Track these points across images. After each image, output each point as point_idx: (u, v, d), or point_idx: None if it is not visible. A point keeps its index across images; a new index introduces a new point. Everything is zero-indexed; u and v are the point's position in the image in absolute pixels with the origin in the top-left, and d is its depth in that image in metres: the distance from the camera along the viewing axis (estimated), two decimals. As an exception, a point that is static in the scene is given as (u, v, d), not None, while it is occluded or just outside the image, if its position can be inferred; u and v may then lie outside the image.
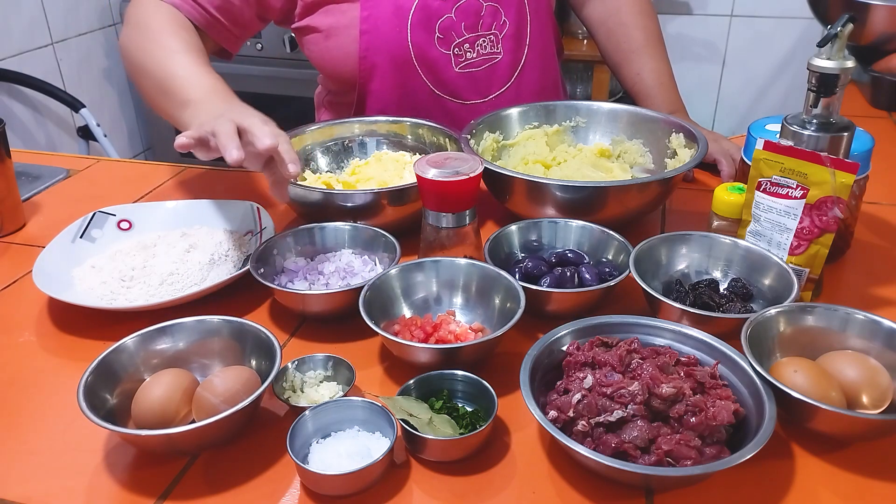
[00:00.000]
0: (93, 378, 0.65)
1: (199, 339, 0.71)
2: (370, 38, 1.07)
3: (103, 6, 2.51)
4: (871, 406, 0.62)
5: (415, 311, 0.77)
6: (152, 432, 0.61)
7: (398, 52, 1.08)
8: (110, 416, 0.63)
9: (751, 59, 2.47)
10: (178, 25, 1.00)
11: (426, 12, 1.07)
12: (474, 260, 0.78)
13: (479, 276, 0.77)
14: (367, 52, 1.08)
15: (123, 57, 1.03)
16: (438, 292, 0.79)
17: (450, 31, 1.09)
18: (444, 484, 0.60)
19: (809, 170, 0.72)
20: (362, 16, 1.06)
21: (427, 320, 0.73)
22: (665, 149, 1.03)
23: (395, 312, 0.76)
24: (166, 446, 0.63)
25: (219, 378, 0.65)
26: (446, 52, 1.10)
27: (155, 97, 0.96)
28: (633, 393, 0.60)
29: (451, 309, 0.78)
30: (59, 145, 2.39)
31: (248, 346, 0.70)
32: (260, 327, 0.70)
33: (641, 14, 1.22)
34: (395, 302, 0.77)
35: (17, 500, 0.60)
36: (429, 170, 0.76)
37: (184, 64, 0.94)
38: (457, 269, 0.78)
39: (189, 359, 0.71)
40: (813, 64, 0.73)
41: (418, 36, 1.08)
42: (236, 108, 0.83)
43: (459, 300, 0.79)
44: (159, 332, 0.70)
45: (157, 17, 1.00)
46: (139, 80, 1.00)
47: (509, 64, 1.15)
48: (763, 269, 0.78)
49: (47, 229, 1.00)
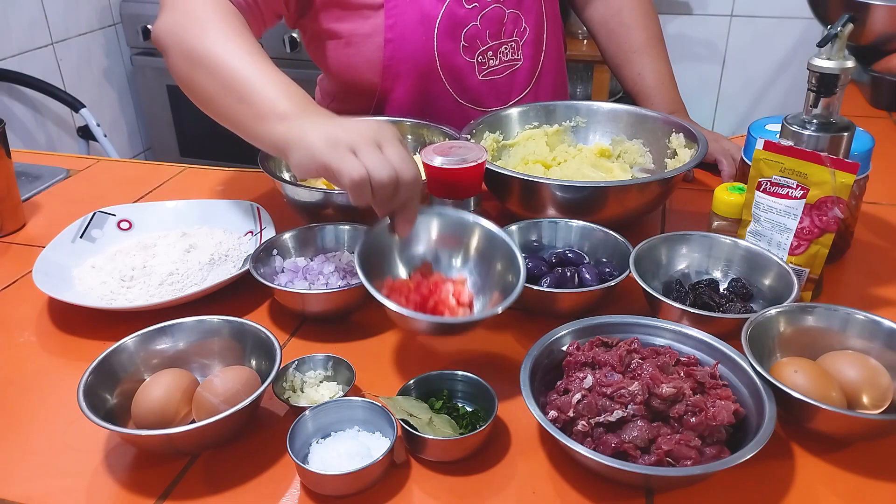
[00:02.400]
0: (93, 378, 0.65)
1: (199, 339, 0.71)
2: (395, 46, 1.06)
3: (103, 6, 2.51)
4: (871, 406, 0.62)
5: (409, 266, 0.75)
6: (152, 432, 0.61)
7: (424, 60, 1.07)
8: (110, 416, 0.63)
9: (751, 59, 2.47)
10: (227, 11, 0.88)
11: (452, 20, 1.06)
12: (479, 219, 0.76)
13: (483, 238, 0.75)
14: (392, 61, 1.07)
15: (165, 45, 0.86)
16: (437, 251, 0.76)
17: (475, 40, 1.08)
18: (444, 484, 0.60)
19: (809, 170, 0.72)
20: (387, 23, 1.05)
21: (420, 283, 0.71)
22: (665, 149, 1.03)
23: (388, 268, 0.74)
24: (166, 446, 0.63)
25: (219, 378, 0.65)
26: (471, 60, 1.09)
27: (218, 98, 0.81)
28: (633, 393, 0.60)
29: (438, 271, 0.75)
30: (59, 145, 2.39)
31: (248, 346, 0.70)
32: (260, 327, 0.70)
33: (643, 15, 1.22)
34: (388, 257, 0.74)
35: (17, 500, 0.60)
36: (435, 158, 0.77)
37: (255, 64, 0.80)
38: (461, 226, 0.76)
39: (189, 359, 0.71)
40: (813, 64, 0.73)
41: (444, 44, 1.07)
42: (353, 128, 0.71)
43: (458, 262, 0.76)
44: (159, 332, 0.70)
45: (201, 1, 0.87)
46: (192, 74, 0.83)
47: (529, 70, 1.16)
48: (763, 269, 0.78)
49: (47, 229, 1.00)
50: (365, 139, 0.69)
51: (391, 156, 0.69)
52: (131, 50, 2.57)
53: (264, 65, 0.80)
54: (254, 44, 0.84)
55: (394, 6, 1.04)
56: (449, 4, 1.05)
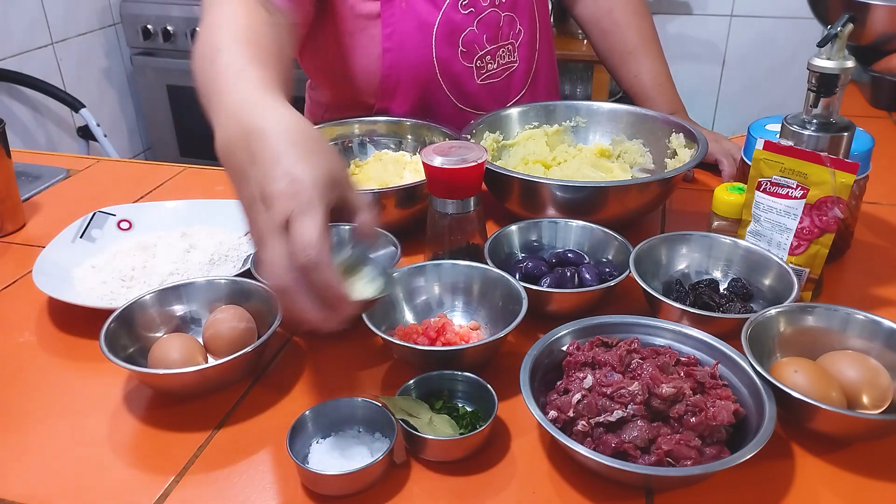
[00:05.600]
0: (114, 325, 0.71)
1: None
2: (394, 55, 1.05)
3: (103, 6, 2.51)
4: (871, 406, 0.62)
5: (416, 315, 0.77)
6: (187, 369, 0.66)
7: (423, 68, 1.07)
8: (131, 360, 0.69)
9: (751, 59, 2.47)
10: (248, 37, 0.75)
11: (450, 27, 1.06)
12: (475, 263, 0.78)
13: (481, 279, 0.77)
14: (391, 70, 1.06)
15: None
16: (440, 295, 0.78)
17: (472, 45, 1.08)
18: (444, 484, 0.60)
19: (809, 170, 0.72)
20: (384, 33, 1.04)
21: (429, 326, 0.73)
22: (665, 149, 1.03)
23: (397, 317, 0.76)
24: (199, 384, 0.68)
25: (221, 313, 0.71)
26: (469, 65, 1.09)
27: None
28: (633, 393, 0.60)
29: (442, 312, 0.77)
30: (59, 145, 2.39)
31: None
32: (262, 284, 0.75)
33: (635, 14, 1.21)
34: (396, 306, 0.77)
35: (17, 500, 0.60)
36: (435, 157, 0.77)
37: (233, 61, 0.70)
38: (458, 271, 0.78)
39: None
40: (813, 64, 0.73)
41: (443, 51, 1.06)
42: (275, 192, 0.56)
43: (461, 303, 0.78)
44: (173, 291, 0.76)
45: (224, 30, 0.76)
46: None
47: (524, 71, 1.16)
48: (763, 269, 0.78)
49: (47, 229, 1.00)
50: (273, 219, 0.55)
51: (296, 237, 0.54)
52: (131, 50, 2.57)
53: (239, 61, 0.70)
54: (254, 54, 0.72)
55: (390, 15, 1.03)
56: (445, 10, 1.04)
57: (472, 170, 0.77)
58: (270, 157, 0.57)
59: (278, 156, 0.57)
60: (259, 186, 0.56)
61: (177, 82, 2.54)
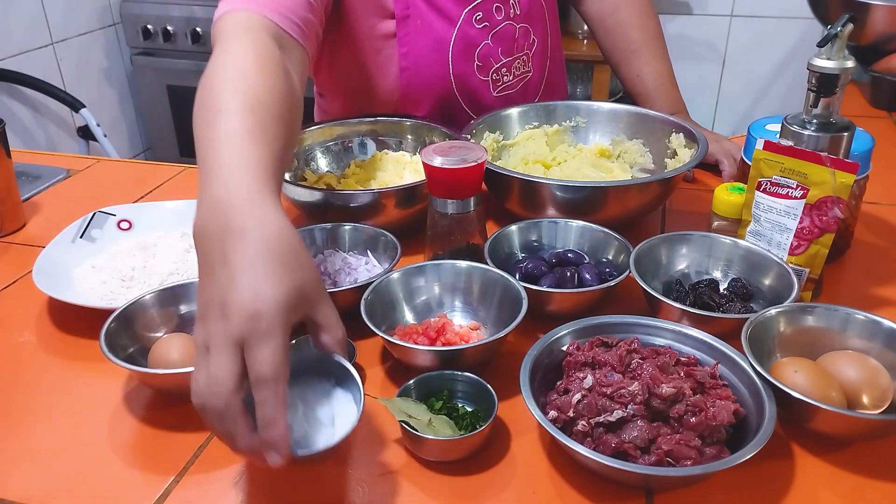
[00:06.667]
0: (114, 325, 0.71)
1: None
2: (411, 74, 1.05)
3: (103, 6, 2.51)
4: (871, 406, 0.62)
5: (416, 315, 0.77)
6: (187, 369, 0.63)
7: (441, 85, 1.07)
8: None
9: (751, 59, 2.47)
10: (253, 70, 0.71)
11: (465, 42, 1.06)
12: (475, 263, 0.78)
13: (481, 279, 0.77)
14: (409, 89, 1.06)
15: None
16: (440, 295, 0.79)
17: (488, 58, 1.08)
18: (444, 484, 0.60)
19: (809, 170, 0.72)
20: (401, 52, 1.04)
21: (429, 326, 0.73)
22: (665, 149, 1.03)
23: (397, 317, 0.76)
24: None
25: None
26: (485, 78, 1.09)
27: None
28: (633, 393, 0.60)
29: (442, 312, 0.77)
30: (59, 145, 2.39)
31: None
32: None
33: (641, 13, 1.21)
34: (396, 306, 0.77)
35: (17, 500, 0.60)
36: (435, 157, 0.77)
37: (228, 130, 0.68)
38: (458, 271, 0.78)
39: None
40: (813, 64, 0.73)
41: (460, 67, 1.07)
42: (236, 306, 0.52)
43: (461, 303, 0.78)
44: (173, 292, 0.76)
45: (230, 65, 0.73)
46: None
47: (538, 79, 1.17)
48: (763, 269, 0.78)
49: (47, 229, 1.00)
50: (229, 332, 0.52)
51: (252, 366, 0.51)
52: (131, 50, 2.57)
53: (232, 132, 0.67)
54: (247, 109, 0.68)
55: (406, 34, 1.03)
56: (461, 26, 1.04)
57: (472, 170, 0.77)
58: (241, 263, 0.53)
59: (250, 264, 0.53)
60: (222, 290, 0.53)
61: (177, 82, 2.54)
